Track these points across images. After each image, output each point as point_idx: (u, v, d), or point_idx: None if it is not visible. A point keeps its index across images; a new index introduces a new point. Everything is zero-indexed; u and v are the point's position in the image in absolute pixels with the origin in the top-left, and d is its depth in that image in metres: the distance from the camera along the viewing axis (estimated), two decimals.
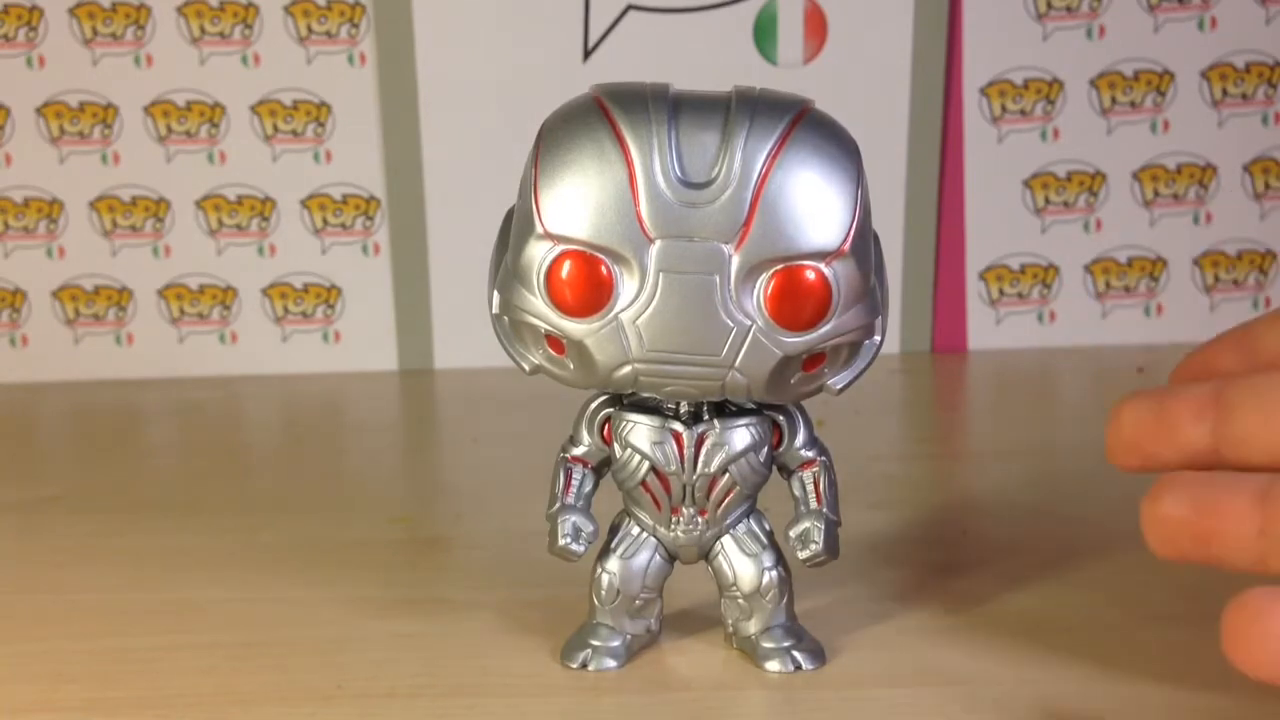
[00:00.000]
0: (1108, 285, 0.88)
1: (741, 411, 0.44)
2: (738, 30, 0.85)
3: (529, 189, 0.41)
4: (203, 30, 0.84)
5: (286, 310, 0.88)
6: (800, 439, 0.45)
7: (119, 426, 0.80)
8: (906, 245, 0.87)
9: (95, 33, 0.84)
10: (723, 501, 0.45)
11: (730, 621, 0.46)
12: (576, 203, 0.41)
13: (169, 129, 0.85)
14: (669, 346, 0.41)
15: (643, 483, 0.44)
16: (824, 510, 0.45)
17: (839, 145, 0.41)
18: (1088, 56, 0.86)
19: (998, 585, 0.52)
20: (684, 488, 0.44)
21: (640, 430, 0.44)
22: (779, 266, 0.40)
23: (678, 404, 0.44)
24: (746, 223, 0.40)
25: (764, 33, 0.85)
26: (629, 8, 0.84)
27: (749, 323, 0.41)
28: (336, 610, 0.51)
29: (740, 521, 0.45)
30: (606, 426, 0.45)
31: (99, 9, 0.84)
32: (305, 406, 0.84)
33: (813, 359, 0.42)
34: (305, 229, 0.87)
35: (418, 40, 0.84)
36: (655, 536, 0.46)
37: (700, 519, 0.45)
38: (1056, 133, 0.87)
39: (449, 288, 0.87)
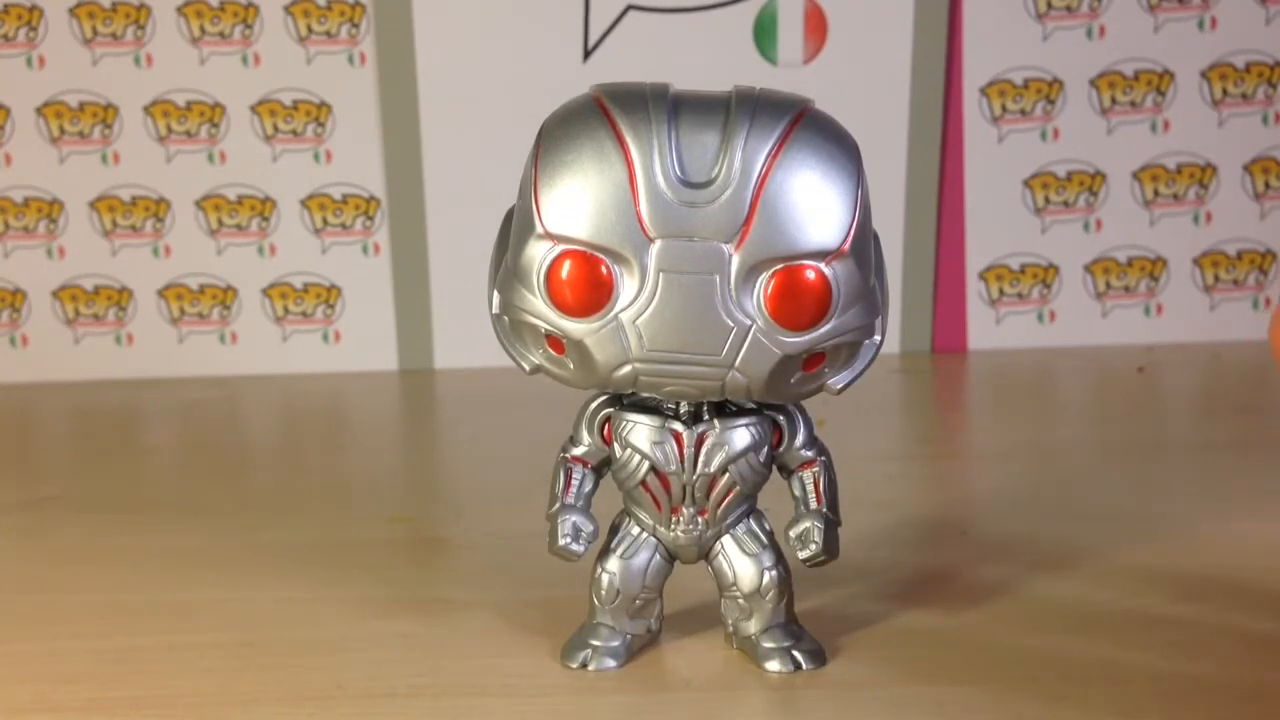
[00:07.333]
0: (1108, 285, 0.88)
1: (741, 411, 0.44)
2: (738, 30, 0.85)
3: (529, 189, 0.41)
4: (203, 30, 0.84)
5: (286, 310, 0.88)
6: (800, 439, 0.45)
7: (119, 426, 0.80)
8: (906, 245, 0.87)
9: (95, 33, 0.84)
10: (723, 501, 0.45)
11: (730, 621, 0.46)
12: (576, 203, 0.41)
13: (169, 129, 0.85)
14: (669, 346, 0.41)
15: (643, 483, 0.44)
16: (824, 510, 0.45)
17: (839, 145, 0.41)
18: (1088, 56, 0.86)
19: (998, 585, 0.52)
20: (684, 488, 0.44)
21: (640, 430, 0.44)
22: (779, 266, 0.40)
23: (678, 404, 0.44)
24: (746, 222, 0.40)
25: (764, 33, 0.85)
26: (629, 8, 0.84)
27: (749, 322, 0.41)
28: (336, 610, 0.51)
29: (740, 521, 0.45)
30: (606, 426, 0.45)
31: (99, 9, 0.84)
32: (305, 406, 0.84)
33: (813, 359, 0.42)
34: (305, 229, 0.87)
35: (418, 40, 0.84)
36: (655, 536, 0.46)
37: (700, 519, 0.45)
38: (1056, 133, 0.87)
39: (449, 288, 0.87)
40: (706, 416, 0.44)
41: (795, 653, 0.45)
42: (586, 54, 0.85)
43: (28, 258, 0.87)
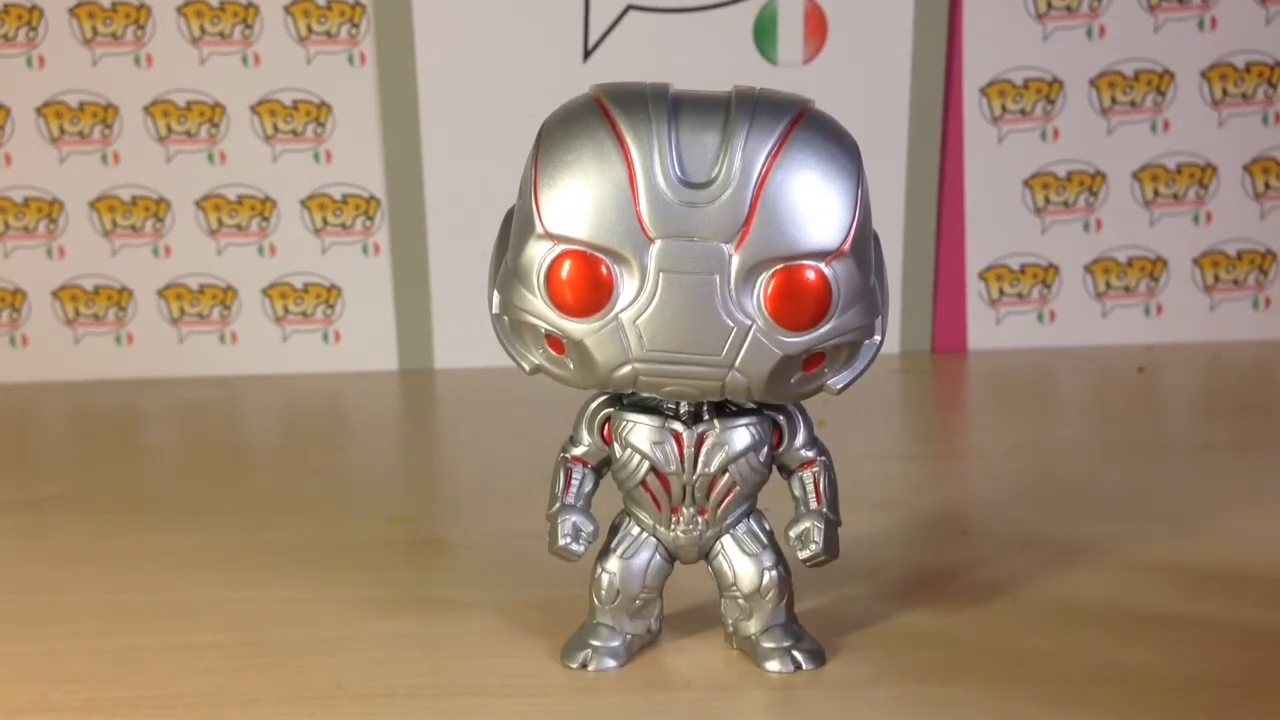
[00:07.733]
0: (1108, 285, 0.88)
1: (741, 411, 0.44)
2: (738, 30, 0.85)
3: (529, 189, 0.41)
4: (203, 30, 0.84)
5: (286, 310, 0.88)
6: (800, 439, 0.45)
7: (119, 426, 0.80)
8: (906, 245, 0.87)
9: (95, 33, 0.84)
10: (723, 501, 0.45)
11: (730, 621, 0.46)
12: (576, 203, 0.41)
13: (169, 129, 0.85)
14: (669, 346, 0.41)
15: (643, 483, 0.44)
16: (824, 510, 0.45)
17: (839, 145, 0.41)
18: (1088, 56, 0.86)
19: (998, 585, 0.52)
20: (684, 488, 0.44)
21: (640, 430, 0.44)
22: (779, 266, 0.40)
23: (678, 404, 0.44)
24: (746, 222, 0.40)
25: (764, 33, 0.85)
26: (629, 8, 0.84)
27: (749, 322, 0.41)
28: (336, 610, 0.51)
29: (740, 521, 0.45)
30: (607, 426, 0.45)
31: (99, 9, 0.84)
32: (305, 406, 0.84)
33: (813, 359, 0.42)
34: (305, 229, 0.87)
35: (418, 40, 0.84)
36: (655, 536, 0.46)
37: (700, 519, 0.45)
38: (1056, 133, 0.87)
39: (449, 288, 0.87)
40: (706, 416, 0.44)
41: (795, 653, 0.45)
42: (586, 54, 0.85)
43: (28, 258, 0.87)
